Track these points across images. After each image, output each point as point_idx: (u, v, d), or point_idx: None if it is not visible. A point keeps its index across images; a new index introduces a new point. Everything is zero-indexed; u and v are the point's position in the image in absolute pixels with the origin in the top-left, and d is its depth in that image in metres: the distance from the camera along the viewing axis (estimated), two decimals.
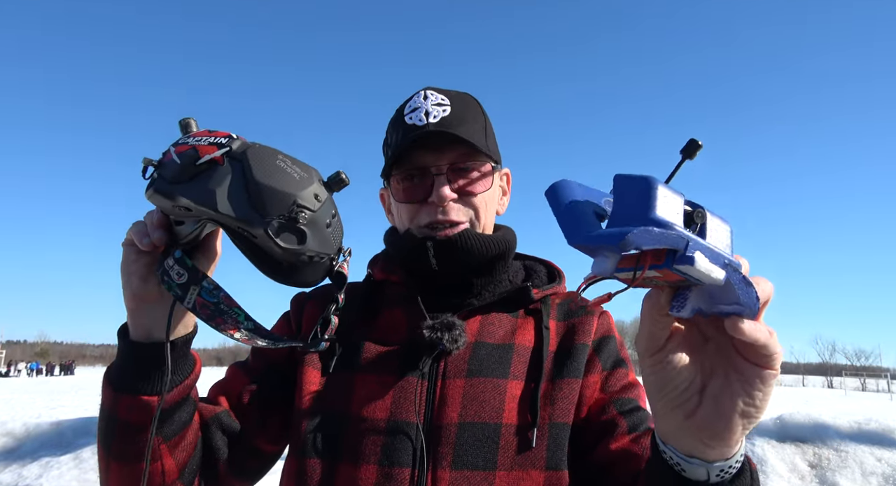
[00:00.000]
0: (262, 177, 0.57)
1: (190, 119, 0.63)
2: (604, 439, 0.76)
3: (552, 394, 0.77)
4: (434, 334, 0.76)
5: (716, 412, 0.46)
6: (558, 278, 0.92)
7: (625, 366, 0.84)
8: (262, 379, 0.84)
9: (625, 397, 0.80)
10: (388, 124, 0.90)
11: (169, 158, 0.58)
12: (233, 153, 0.57)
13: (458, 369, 0.78)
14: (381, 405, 0.76)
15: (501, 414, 0.74)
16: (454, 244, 0.81)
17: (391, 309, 0.86)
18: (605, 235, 0.39)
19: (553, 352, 0.82)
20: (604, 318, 0.88)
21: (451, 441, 0.73)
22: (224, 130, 0.61)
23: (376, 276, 0.90)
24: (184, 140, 0.59)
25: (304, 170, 0.60)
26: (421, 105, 0.84)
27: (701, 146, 0.46)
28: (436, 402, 0.76)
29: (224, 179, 0.57)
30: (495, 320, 0.84)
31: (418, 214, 0.84)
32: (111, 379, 0.69)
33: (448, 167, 0.82)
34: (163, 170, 0.58)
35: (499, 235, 0.85)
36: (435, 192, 0.81)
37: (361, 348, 0.82)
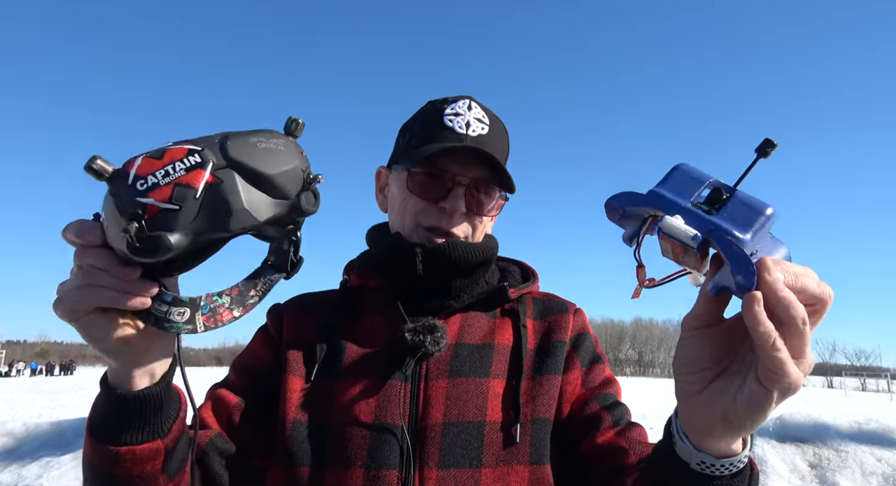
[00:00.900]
0: (263, 167, 0.53)
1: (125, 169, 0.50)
2: (589, 433, 0.79)
3: (533, 391, 0.80)
4: (416, 337, 0.77)
5: (705, 405, 0.49)
6: (532, 277, 0.94)
7: (601, 362, 0.88)
8: (248, 395, 0.83)
9: (605, 392, 0.83)
10: (419, 112, 0.90)
11: (156, 210, 0.48)
12: (217, 163, 0.51)
13: (441, 370, 0.79)
14: (365, 408, 0.76)
15: (485, 412, 0.76)
16: (442, 253, 0.81)
17: (371, 315, 0.86)
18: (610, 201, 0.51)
19: (532, 350, 0.84)
20: (578, 316, 0.91)
21: (437, 441, 0.73)
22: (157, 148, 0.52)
23: (352, 282, 0.90)
24: (151, 182, 0.48)
25: (276, 137, 0.56)
26: (464, 113, 0.85)
27: (776, 145, 0.48)
28: (420, 403, 0.76)
29: (234, 192, 0.51)
30: (474, 321, 0.85)
31: (425, 212, 0.84)
32: (107, 435, 0.61)
33: (469, 183, 0.84)
34: (160, 224, 0.48)
35: (483, 244, 0.87)
36: (451, 200, 0.82)
37: (343, 354, 0.82)
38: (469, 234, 0.86)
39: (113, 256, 0.52)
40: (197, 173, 0.49)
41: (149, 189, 0.48)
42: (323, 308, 0.89)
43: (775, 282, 0.42)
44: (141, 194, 0.48)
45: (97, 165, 0.48)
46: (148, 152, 0.50)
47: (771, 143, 0.48)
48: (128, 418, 0.61)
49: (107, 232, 0.51)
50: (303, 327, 0.86)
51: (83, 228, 0.52)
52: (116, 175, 0.49)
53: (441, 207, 0.83)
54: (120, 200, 0.48)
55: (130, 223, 0.47)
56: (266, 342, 0.88)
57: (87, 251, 0.52)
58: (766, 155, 0.48)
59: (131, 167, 0.49)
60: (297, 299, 0.93)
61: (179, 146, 0.51)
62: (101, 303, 0.53)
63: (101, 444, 0.61)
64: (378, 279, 0.87)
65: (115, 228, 0.49)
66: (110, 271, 0.52)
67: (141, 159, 0.49)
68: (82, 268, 0.53)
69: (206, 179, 0.50)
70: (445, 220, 0.83)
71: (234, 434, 0.80)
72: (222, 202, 0.50)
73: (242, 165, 0.52)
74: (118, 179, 0.48)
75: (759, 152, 0.48)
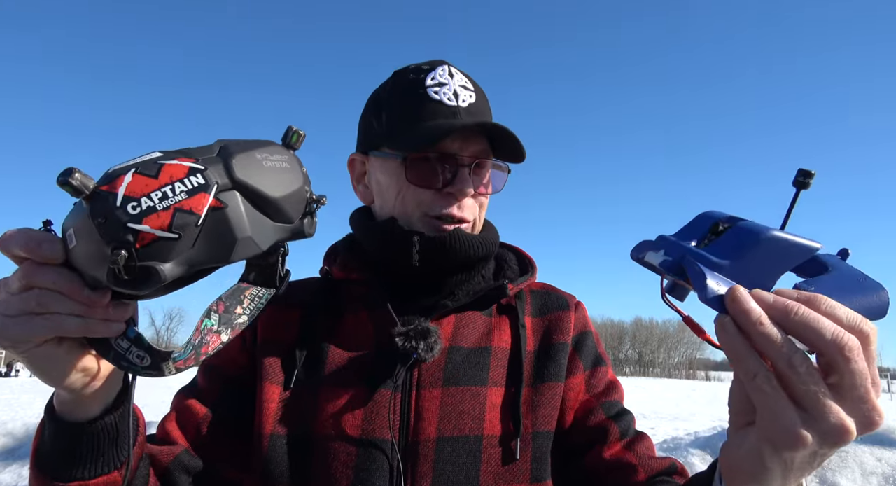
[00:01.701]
0: (270, 190, 0.48)
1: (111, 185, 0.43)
2: (595, 445, 0.74)
3: (534, 400, 0.74)
4: (408, 344, 0.70)
5: (727, 448, 0.45)
6: (531, 269, 0.85)
7: (604, 363, 0.82)
8: (219, 403, 0.74)
9: (611, 399, 0.78)
10: (391, 86, 0.80)
11: (151, 238, 0.42)
12: (222, 185, 0.45)
13: (434, 378, 0.72)
14: (351, 421, 0.69)
15: (482, 425, 0.70)
16: (442, 244, 0.74)
17: (355, 312, 0.78)
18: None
19: (532, 352, 0.78)
20: (580, 311, 0.85)
21: (430, 458, 0.67)
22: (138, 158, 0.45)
23: (335, 274, 0.81)
24: (145, 206, 0.42)
25: (279, 152, 0.51)
26: (448, 82, 0.77)
27: (814, 174, 0.46)
28: (411, 416, 0.70)
29: (239, 218, 0.46)
30: (469, 322, 0.78)
31: (431, 201, 0.75)
32: (56, 470, 0.55)
33: (473, 161, 0.76)
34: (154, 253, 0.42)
35: (487, 237, 0.79)
36: (458, 183, 0.75)
37: (325, 357, 0.74)
38: (476, 215, 0.79)
39: (76, 277, 0.44)
40: (200, 198, 0.43)
41: (143, 214, 0.41)
42: (303, 303, 0.80)
43: (742, 313, 0.39)
44: (133, 220, 0.41)
45: (76, 181, 0.41)
46: (137, 167, 0.43)
47: (808, 173, 0.46)
48: (79, 451, 0.54)
49: (73, 251, 0.44)
50: (281, 326, 0.78)
51: (37, 241, 0.44)
52: (100, 194, 0.41)
53: (447, 193, 0.75)
54: (106, 224, 0.41)
55: (117, 252, 0.40)
56: (238, 344, 0.79)
57: (41, 270, 0.44)
58: (807, 186, 0.46)
59: (118, 185, 0.42)
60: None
61: (178, 163, 0.44)
62: (60, 333, 0.45)
63: (48, 479, 0.55)
64: (364, 273, 0.79)
65: (92, 252, 0.43)
66: (74, 297, 0.44)
67: (130, 176, 0.42)
68: (33, 289, 0.44)
69: (210, 204, 0.44)
70: (455, 206, 0.75)
71: (203, 449, 0.72)
72: (225, 230, 0.45)
73: (248, 188, 0.46)
74: (102, 198, 0.41)
75: (798, 185, 0.46)
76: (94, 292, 0.45)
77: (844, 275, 0.42)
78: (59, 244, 0.44)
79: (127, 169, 0.43)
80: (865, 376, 0.38)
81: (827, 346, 0.37)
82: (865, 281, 0.42)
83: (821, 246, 0.42)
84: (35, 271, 0.44)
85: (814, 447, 0.39)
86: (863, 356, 0.38)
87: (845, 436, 0.38)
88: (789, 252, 0.42)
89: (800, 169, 0.46)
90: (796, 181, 0.46)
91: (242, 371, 0.76)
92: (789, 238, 0.42)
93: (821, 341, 0.38)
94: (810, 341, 0.38)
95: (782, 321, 0.39)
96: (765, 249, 0.42)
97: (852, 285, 0.42)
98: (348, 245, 0.85)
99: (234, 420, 0.74)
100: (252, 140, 0.50)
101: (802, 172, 0.46)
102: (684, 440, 5.51)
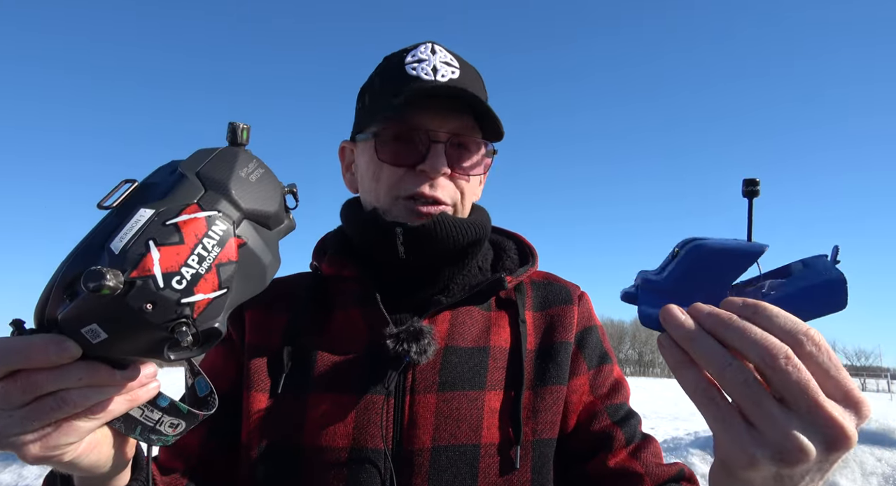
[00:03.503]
0: (267, 206, 0.47)
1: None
2: (599, 452, 0.71)
3: (535, 405, 0.70)
4: (399, 346, 0.66)
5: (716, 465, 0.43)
6: (531, 258, 0.80)
7: (609, 361, 0.78)
8: (216, 423, 0.70)
9: (616, 402, 0.75)
10: (376, 70, 0.77)
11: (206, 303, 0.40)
12: (236, 220, 0.44)
13: (429, 382, 0.68)
14: (341, 430, 0.65)
15: (480, 433, 0.66)
16: (427, 232, 0.69)
17: (345, 310, 0.74)
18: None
19: (532, 351, 0.73)
20: (583, 304, 0.80)
21: (425, 469, 0.64)
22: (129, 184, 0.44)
23: (324, 270, 0.77)
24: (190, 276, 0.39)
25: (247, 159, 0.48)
26: (428, 58, 0.72)
27: (758, 181, 0.47)
28: (405, 423, 0.66)
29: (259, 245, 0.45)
30: (466, 318, 0.73)
31: (401, 180, 0.71)
32: None
33: (449, 138, 0.71)
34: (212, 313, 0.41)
35: (475, 220, 0.74)
36: (430, 160, 0.69)
37: (313, 360, 0.70)
38: (457, 200, 0.73)
39: (99, 364, 0.41)
40: (230, 243, 0.42)
41: (192, 284, 0.39)
42: (291, 301, 0.76)
43: (673, 328, 0.39)
44: (185, 294, 0.39)
45: (111, 281, 0.36)
46: (153, 239, 0.39)
47: (753, 181, 0.47)
48: None
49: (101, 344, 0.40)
50: (267, 329, 0.74)
51: (47, 347, 0.39)
52: (134, 282, 0.38)
53: (420, 170, 0.70)
54: (156, 308, 0.38)
55: (180, 329, 0.39)
56: (226, 352, 0.75)
57: (57, 374, 0.40)
58: (756, 194, 0.47)
59: (150, 265, 0.38)
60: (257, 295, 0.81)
61: (192, 217, 0.41)
62: (107, 420, 0.43)
63: None
64: (354, 269, 0.74)
65: (137, 339, 0.40)
66: (111, 383, 0.42)
67: (157, 251, 0.39)
68: (52, 394, 0.40)
69: (237, 244, 0.43)
70: (427, 185, 0.70)
71: (208, 473, 0.70)
72: (254, 262, 0.45)
73: (255, 213, 0.46)
74: (141, 286, 0.38)
75: (748, 195, 0.47)
76: (126, 371, 0.43)
77: (801, 278, 0.42)
78: (71, 343, 0.39)
79: (140, 244, 0.39)
80: (805, 386, 0.35)
81: (752, 353, 0.36)
82: (821, 278, 0.41)
83: (767, 246, 0.42)
84: (46, 378, 0.39)
85: (768, 465, 0.36)
86: (796, 364, 0.35)
87: (798, 454, 0.35)
88: (734, 259, 0.42)
89: (744, 179, 0.47)
90: (745, 192, 0.47)
91: (233, 385, 0.73)
92: (728, 246, 0.42)
93: (747, 349, 0.36)
94: (741, 350, 0.37)
95: (715, 332, 0.38)
96: (708, 261, 0.42)
97: (806, 287, 0.41)
98: (338, 239, 0.80)
99: (232, 437, 0.71)
100: (216, 156, 0.47)
101: (747, 181, 0.47)
102: (684, 440, 5.51)
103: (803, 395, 0.35)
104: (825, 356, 0.36)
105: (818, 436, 0.35)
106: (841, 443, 0.35)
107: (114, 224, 0.41)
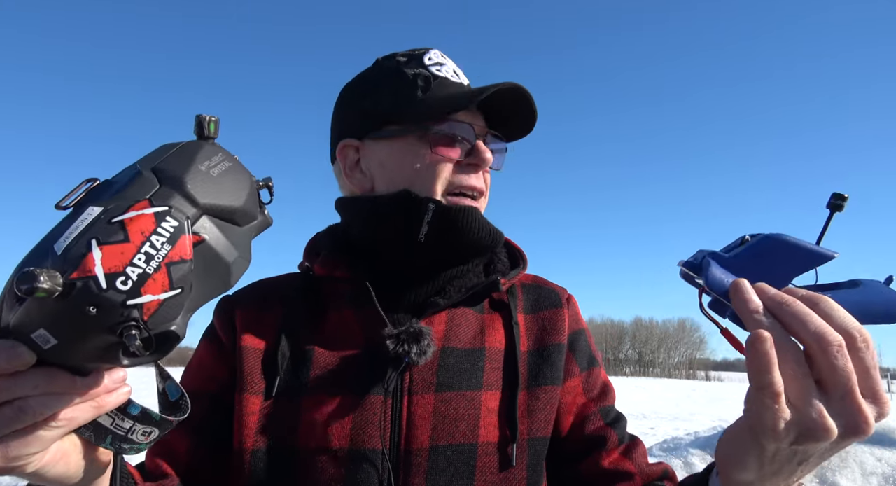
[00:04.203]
0: (232, 200, 0.45)
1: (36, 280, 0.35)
2: (593, 452, 0.73)
3: (530, 404, 0.71)
4: (400, 347, 0.66)
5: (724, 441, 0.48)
6: (521, 262, 0.81)
7: (597, 364, 0.81)
8: (206, 426, 0.70)
9: (607, 404, 0.78)
10: (379, 70, 0.77)
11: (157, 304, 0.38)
12: (192, 217, 0.41)
13: (426, 382, 0.68)
14: (338, 431, 0.65)
15: (477, 432, 0.67)
16: (459, 215, 0.69)
17: (339, 311, 0.74)
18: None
19: (526, 353, 0.75)
20: (572, 307, 0.82)
21: (423, 469, 0.64)
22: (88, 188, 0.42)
23: (316, 271, 0.76)
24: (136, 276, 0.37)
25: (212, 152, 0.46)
26: (446, 63, 0.76)
27: (847, 198, 0.49)
28: (403, 424, 0.66)
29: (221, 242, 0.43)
30: (462, 320, 0.74)
31: (453, 174, 0.72)
32: None
33: (487, 133, 0.75)
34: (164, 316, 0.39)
35: (497, 232, 0.75)
36: (480, 153, 0.72)
37: (308, 361, 0.69)
38: (486, 195, 0.77)
39: (58, 371, 0.40)
40: (183, 241, 0.39)
41: (138, 284, 0.37)
42: (283, 302, 0.76)
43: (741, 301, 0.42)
44: (131, 295, 0.37)
45: (45, 283, 0.34)
46: (96, 237, 0.37)
47: (841, 196, 0.49)
48: None
49: (52, 350, 0.38)
50: (260, 329, 0.73)
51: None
52: (74, 284, 0.36)
53: (468, 164, 0.73)
54: (100, 311, 0.36)
55: (128, 333, 0.37)
56: (216, 352, 0.74)
57: (12, 381, 0.39)
58: (840, 209, 0.50)
59: (91, 265, 0.36)
60: (251, 291, 0.79)
61: (139, 214, 0.39)
62: (72, 428, 0.42)
63: None
64: (348, 269, 0.73)
65: (86, 344, 0.38)
66: (72, 391, 0.40)
67: (99, 250, 0.37)
68: (15, 402, 0.39)
69: (192, 242, 0.40)
70: (475, 177, 0.73)
71: (197, 477, 0.69)
72: (215, 260, 0.43)
73: (214, 208, 0.43)
74: (81, 288, 0.36)
75: (832, 208, 0.49)
76: (88, 378, 0.41)
77: (868, 290, 0.46)
78: (23, 349, 0.38)
79: (82, 244, 0.37)
80: (848, 377, 0.39)
81: (809, 337, 0.40)
82: (886, 294, 0.46)
83: (837, 254, 0.45)
84: (10, 385, 0.39)
85: (789, 439, 0.40)
86: (846, 355, 0.39)
87: (823, 434, 0.39)
88: (803, 256, 0.46)
89: (834, 193, 0.50)
90: (830, 204, 0.50)
91: (224, 387, 0.72)
92: (801, 243, 0.45)
93: (804, 332, 0.40)
94: (796, 332, 0.40)
95: (776, 311, 0.41)
96: (780, 251, 0.46)
97: (870, 297, 0.45)
98: (331, 239, 0.79)
99: (224, 441, 0.70)
100: (177, 150, 0.45)
101: (836, 195, 0.49)
102: (684, 440, 5.51)
103: (844, 383, 0.39)
104: (869, 356, 0.41)
105: (842, 421, 0.40)
106: (860, 432, 0.40)
107: (66, 225, 0.39)
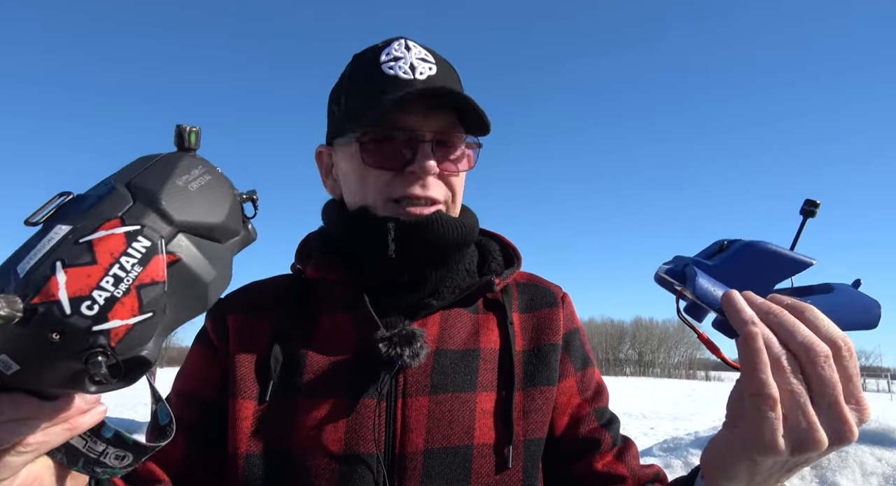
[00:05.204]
0: (210, 216, 0.42)
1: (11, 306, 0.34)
2: (587, 454, 0.73)
3: (526, 405, 0.71)
4: (392, 350, 0.66)
5: (713, 443, 0.49)
6: (516, 260, 0.80)
7: (591, 364, 0.80)
8: (200, 432, 0.69)
9: (601, 405, 0.78)
10: (349, 70, 0.75)
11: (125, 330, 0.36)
12: (166, 236, 0.39)
13: (420, 384, 0.68)
14: (333, 435, 0.65)
15: (472, 434, 0.66)
16: (423, 228, 0.68)
17: (332, 315, 0.73)
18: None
19: (521, 353, 0.74)
20: (567, 306, 0.81)
21: (418, 472, 0.64)
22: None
23: (308, 274, 0.75)
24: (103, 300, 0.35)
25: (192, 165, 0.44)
26: (404, 56, 0.70)
27: (819, 204, 0.51)
28: (397, 427, 0.66)
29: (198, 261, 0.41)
30: (456, 321, 0.73)
31: (391, 183, 0.69)
32: None
33: (434, 136, 0.69)
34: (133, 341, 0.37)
35: (467, 222, 0.73)
36: (418, 161, 0.68)
37: (302, 365, 0.69)
38: (449, 198, 0.73)
39: (25, 396, 0.38)
40: (155, 262, 0.37)
41: (105, 309, 0.35)
42: (275, 305, 0.75)
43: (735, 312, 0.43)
44: (97, 320, 0.35)
45: (4, 312, 0.33)
46: (61, 259, 0.35)
47: (814, 202, 0.50)
48: None
49: (14, 376, 0.36)
50: (252, 334, 0.72)
51: None
52: (36, 309, 0.34)
53: (409, 172, 0.69)
54: (64, 338, 0.34)
55: (93, 360, 0.35)
56: (208, 357, 0.74)
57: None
58: (813, 215, 0.51)
59: (55, 289, 0.34)
60: (243, 295, 0.79)
61: (108, 233, 0.36)
62: (36, 456, 0.41)
63: None
64: (340, 272, 0.72)
65: (51, 372, 0.36)
66: (40, 417, 0.39)
67: (63, 273, 0.35)
68: None
69: (166, 262, 0.38)
70: (418, 186, 0.69)
71: (191, 483, 0.69)
72: (191, 280, 0.40)
73: (191, 225, 0.41)
74: (44, 313, 0.34)
75: (805, 214, 0.50)
76: (57, 402, 0.40)
77: (843, 295, 0.47)
78: None
79: (46, 266, 0.35)
80: (835, 386, 0.41)
81: (797, 347, 0.41)
82: (861, 299, 0.47)
83: (816, 261, 0.46)
84: None
85: (785, 454, 0.41)
86: (832, 366, 0.41)
87: (816, 445, 0.40)
88: (785, 263, 0.47)
89: (806, 199, 0.51)
90: (803, 210, 0.51)
91: (217, 391, 0.71)
92: (782, 251, 0.47)
93: (792, 343, 0.41)
94: (784, 342, 0.41)
95: (763, 320, 0.42)
96: (758, 258, 0.47)
97: (846, 302, 0.47)
98: (322, 241, 0.78)
99: (219, 447, 0.69)
100: (154, 163, 0.43)
101: (809, 202, 0.50)
102: (684, 440, 5.51)
103: (831, 393, 0.41)
104: (852, 365, 0.42)
105: (829, 431, 0.41)
106: (845, 440, 0.41)
107: (32, 244, 0.37)
